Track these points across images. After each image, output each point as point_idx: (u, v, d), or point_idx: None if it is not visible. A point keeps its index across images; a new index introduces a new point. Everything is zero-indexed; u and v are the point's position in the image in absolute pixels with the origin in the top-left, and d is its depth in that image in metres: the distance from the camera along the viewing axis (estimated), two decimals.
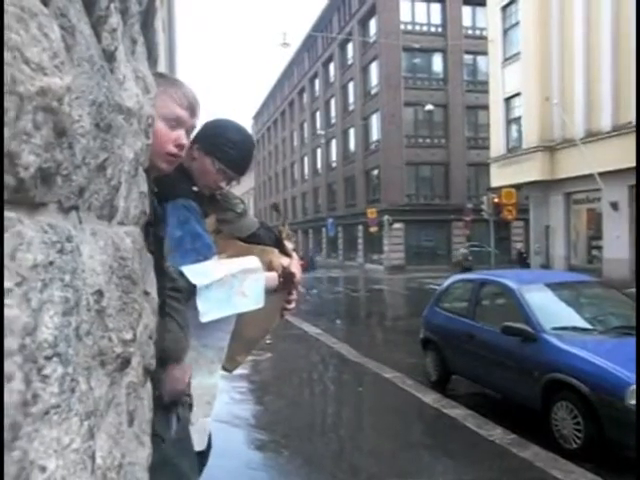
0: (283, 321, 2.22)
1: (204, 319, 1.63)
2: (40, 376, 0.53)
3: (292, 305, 2.11)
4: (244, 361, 2.18)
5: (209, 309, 1.65)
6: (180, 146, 1.48)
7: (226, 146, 1.87)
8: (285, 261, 2.04)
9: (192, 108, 1.54)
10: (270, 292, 1.95)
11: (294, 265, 2.05)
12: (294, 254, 2.13)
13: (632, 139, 15.48)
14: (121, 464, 0.85)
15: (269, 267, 1.99)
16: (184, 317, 1.57)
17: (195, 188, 1.88)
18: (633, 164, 15.19)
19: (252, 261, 1.80)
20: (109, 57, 0.85)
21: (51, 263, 0.56)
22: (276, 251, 2.06)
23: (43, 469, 0.52)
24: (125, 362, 0.89)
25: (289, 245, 2.14)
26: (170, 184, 1.65)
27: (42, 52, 0.55)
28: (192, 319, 1.62)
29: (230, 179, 1.93)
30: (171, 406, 1.45)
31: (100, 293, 0.75)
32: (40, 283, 0.54)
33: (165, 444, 1.28)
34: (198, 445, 1.80)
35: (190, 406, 1.56)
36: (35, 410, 0.52)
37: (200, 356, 1.71)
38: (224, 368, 2.09)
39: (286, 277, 1.99)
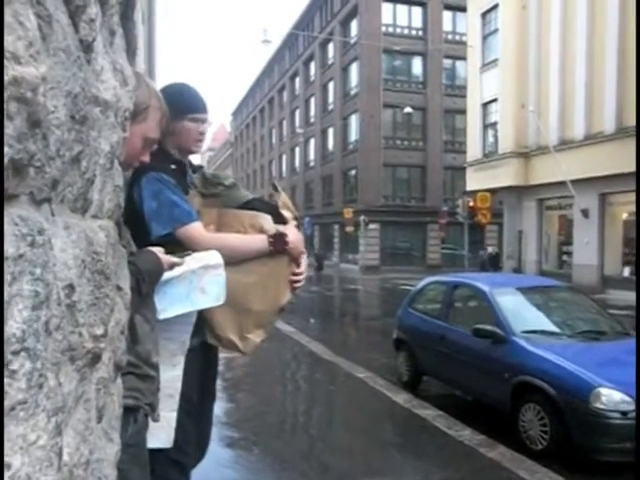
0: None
1: (162, 316, 1.61)
2: (7, 371, 0.51)
3: (300, 277, 2.10)
4: (260, 340, 2.08)
5: (167, 305, 1.63)
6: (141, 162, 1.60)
7: (188, 100, 2.04)
8: (282, 228, 2.04)
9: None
10: (264, 255, 1.96)
11: (289, 229, 2.05)
12: (292, 221, 2.12)
13: (603, 148, 15.87)
14: (89, 460, 0.84)
15: (261, 231, 2.01)
16: (152, 311, 1.56)
17: (173, 166, 1.95)
18: (603, 173, 15.59)
19: (213, 257, 1.78)
20: (86, 48, 0.84)
21: (21, 256, 0.55)
22: (268, 217, 2.04)
23: (8, 466, 0.51)
24: (96, 358, 0.88)
25: (287, 214, 2.12)
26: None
27: (17, 40, 0.54)
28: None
29: (204, 121, 2.09)
30: (129, 409, 1.42)
31: (71, 287, 0.74)
32: (9, 276, 0.53)
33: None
34: (166, 442, 1.78)
35: (146, 416, 1.53)
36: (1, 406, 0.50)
37: (162, 349, 1.69)
38: (240, 351, 2.04)
39: (277, 238, 1.98)
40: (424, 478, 3.85)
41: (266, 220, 2.02)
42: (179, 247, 1.76)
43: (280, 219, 2.07)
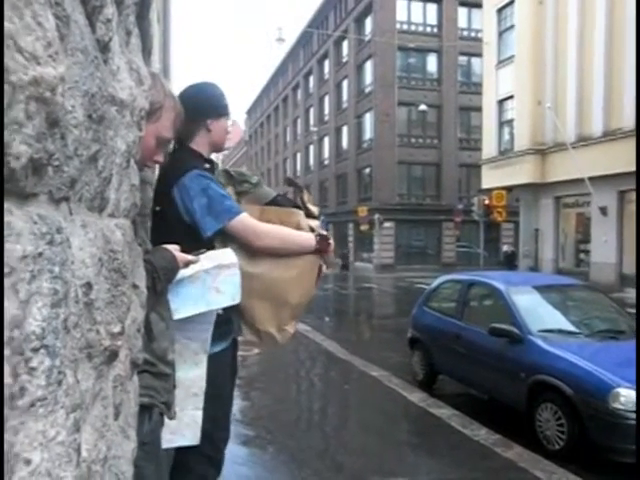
0: None
1: (176, 316, 1.60)
2: (27, 368, 0.52)
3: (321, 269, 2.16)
4: (293, 330, 2.13)
5: (181, 306, 1.62)
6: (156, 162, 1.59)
7: (222, 99, 2.08)
8: (313, 222, 2.10)
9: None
10: (306, 253, 2.02)
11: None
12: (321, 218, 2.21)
13: (622, 145, 15.63)
14: (106, 457, 0.85)
15: (297, 227, 2.06)
16: (167, 309, 1.57)
17: (207, 165, 1.99)
18: (622, 170, 15.35)
19: (227, 256, 1.78)
20: (103, 48, 0.85)
21: (40, 254, 0.56)
22: (302, 213, 2.10)
23: (28, 462, 0.52)
24: (113, 355, 0.88)
25: (313, 209, 2.17)
26: (181, 162, 1.77)
27: (36, 41, 0.54)
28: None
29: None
30: (145, 407, 1.43)
31: (89, 285, 0.74)
32: (29, 274, 0.53)
33: None
34: (192, 439, 1.79)
35: (161, 415, 1.54)
36: (21, 403, 0.51)
37: (184, 348, 1.69)
38: (276, 342, 2.06)
39: (322, 239, 2.04)
40: (439, 478, 3.84)
41: (302, 216, 2.08)
42: (196, 246, 1.76)
43: (308, 214, 2.13)
